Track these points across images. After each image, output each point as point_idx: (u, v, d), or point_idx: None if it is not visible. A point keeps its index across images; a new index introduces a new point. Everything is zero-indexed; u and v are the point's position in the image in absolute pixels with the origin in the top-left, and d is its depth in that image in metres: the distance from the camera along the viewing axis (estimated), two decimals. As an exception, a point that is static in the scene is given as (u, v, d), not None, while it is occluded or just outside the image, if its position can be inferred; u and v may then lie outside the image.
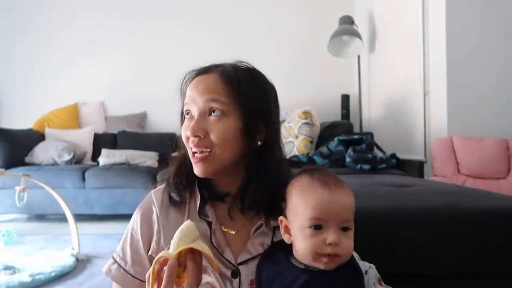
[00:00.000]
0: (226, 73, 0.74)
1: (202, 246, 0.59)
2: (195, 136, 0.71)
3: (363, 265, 0.67)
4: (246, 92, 0.74)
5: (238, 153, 0.74)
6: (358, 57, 3.78)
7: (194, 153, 0.73)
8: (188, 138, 0.73)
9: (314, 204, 0.64)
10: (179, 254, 0.58)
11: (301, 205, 0.65)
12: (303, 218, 0.64)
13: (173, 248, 0.59)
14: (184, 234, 0.60)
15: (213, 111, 0.72)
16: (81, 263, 2.19)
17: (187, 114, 0.75)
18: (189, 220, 0.62)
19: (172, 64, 4.11)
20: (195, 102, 0.73)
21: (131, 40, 4.38)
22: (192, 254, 0.59)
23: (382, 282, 0.68)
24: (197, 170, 0.73)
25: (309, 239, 0.63)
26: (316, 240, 0.63)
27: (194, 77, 0.76)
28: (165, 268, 0.58)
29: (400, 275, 0.98)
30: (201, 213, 0.76)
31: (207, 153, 0.72)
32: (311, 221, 0.63)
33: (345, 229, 0.64)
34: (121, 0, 4.41)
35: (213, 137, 0.71)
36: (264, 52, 4.29)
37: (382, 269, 0.79)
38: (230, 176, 0.76)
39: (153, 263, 0.59)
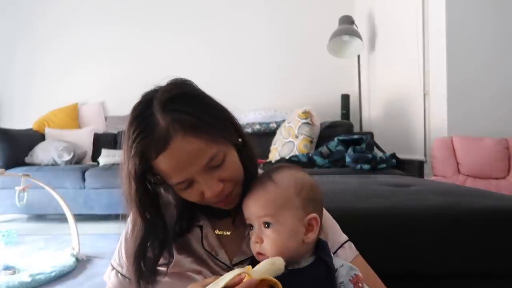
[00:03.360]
0: (188, 125, 0.62)
1: None
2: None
3: (337, 262, 0.65)
4: (211, 123, 0.65)
5: None
6: (358, 57, 3.78)
7: (219, 201, 0.70)
8: (202, 198, 0.68)
9: (242, 205, 0.68)
10: (261, 282, 0.57)
11: None
12: None
13: (259, 272, 0.57)
14: (273, 267, 0.59)
15: (217, 165, 0.66)
16: (81, 263, 2.19)
17: (180, 184, 0.66)
18: (281, 258, 0.60)
19: (172, 64, 4.11)
20: (188, 172, 0.64)
21: (131, 40, 4.38)
22: (267, 287, 0.58)
23: (362, 283, 0.63)
24: (228, 207, 0.72)
25: (251, 239, 0.66)
26: (251, 240, 0.65)
27: (158, 152, 0.63)
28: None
29: (400, 275, 0.98)
30: (192, 219, 0.75)
31: (230, 194, 0.70)
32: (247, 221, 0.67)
33: (268, 226, 0.63)
34: (121, 1, 4.41)
35: (229, 179, 0.68)
36: (264, 52, 4.30)
37: (382, 269, 0.79)
38: None
39: (231, 273, 0.57)
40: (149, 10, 4.39)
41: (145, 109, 0.65)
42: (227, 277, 0.56)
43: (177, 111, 0.63)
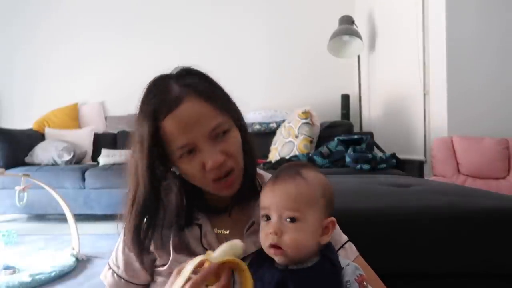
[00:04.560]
0: (201, 91, 0.68)
1: (246, 266, 0.58)
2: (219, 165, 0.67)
3: (342, 261, 0.66)
4: (221, 97, 0.71)
5: None
6: (358, 57, 3.78)
7: (219, 179, 0.69)
8: (203, 172, 0.68)
9: (262, 194, 0.66)
10: (222, 264, 0.57)
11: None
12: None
13: (218, 255, 0.58)
14: (233, 249, 0.59)
15: (221, 134, 0.68)
16: (81, 263, 2.19)
17: (183, 148, 0.67)
18: (239, 241, 0.61)
19: (172, 64, 4.10)
20: (193, 135, 0.66)
21: (131, 40, 4.38)
22: (229, 269, 0.58)
23: (367, 283, 0.64)
24: (227, 192, 0.71)
25: (262, 229, 0.65)
26: (265, 230, 0.64)
27: (169, 111, 0.66)
28: (200, 268, 0.57)
29: (400, 275, 0.98)
30: (191, 217, 0.75)
31: (231, 174, 0.70)
32: (261, 211, 0.66)
33: (292, 220, 0.62)
34: (120, 4, 4.41)
35: (231, 154, 0.69)
36: (264, 52, 4.30)
37: (382, 269, 0.79)
38: None
39: (192, 262, 0.58)
40: (149, 12, 4.39)
41: (160, 80, 0.71)
42: (188, 268, 0.57)
43: (191, 82, 0.69)
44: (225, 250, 0.58)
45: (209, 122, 0.66)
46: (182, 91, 0.67)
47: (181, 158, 0.68)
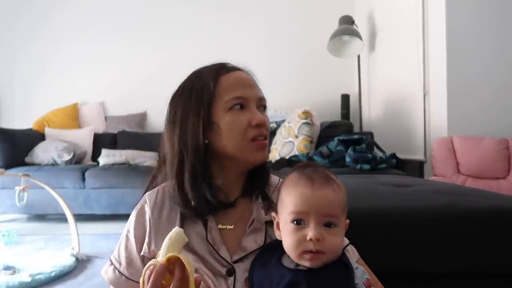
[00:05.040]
0: (248, 71, 0.82)
1: (187, 258, 0.58)
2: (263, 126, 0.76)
3: (352, 264, 0.67)
4: None
5: None
6: (358, 57, 3.78)
7: (258, 140, 0.75)
8: (246, 128, 0.74)
9: (295, 198, 0.64)
10: (168, 261, 0.58)
11: (285, 199, 0.66)
12: (286, 213, 0.65)
13: (162, 254, 0.59)
14: (174, 240, 0.60)
15: (263, 108, 0.79)
16: (81, 263, 2.19)
17: (237, 105, 0.75)
18: (177, 227, 0.62)
19: (172, 64, 4.11)
20: (248, 93, 0.76)
21: (131, 40, 4.38)
22: (180, 262, 0.58)
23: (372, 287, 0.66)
24: (261, 156, 0.76)
25: (291, 234, 0.63)
26: (298, 236, 0.62)
27: (229, 71, 0.78)
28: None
29: (400, 275, 0.98)
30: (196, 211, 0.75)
31: (266, 139, 0.77)
32: (292, 215, 0.64)
33: (329, 225, 0.63)
34: (121, 5, 4.41)
35: (267, 127, 0.78)
36: (264, 52, 4.30)
37: (382, 269, 0.80)
38: (238, 176, 0.79)
39: (144, 270, 0.59)
40: (148, 13, 4.39)
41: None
42: (144, 276, 0.59)
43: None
44: (168, 245, 0.59)
45: (259, 91, 0.79)
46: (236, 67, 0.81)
47: (231, 110, 0.74)
